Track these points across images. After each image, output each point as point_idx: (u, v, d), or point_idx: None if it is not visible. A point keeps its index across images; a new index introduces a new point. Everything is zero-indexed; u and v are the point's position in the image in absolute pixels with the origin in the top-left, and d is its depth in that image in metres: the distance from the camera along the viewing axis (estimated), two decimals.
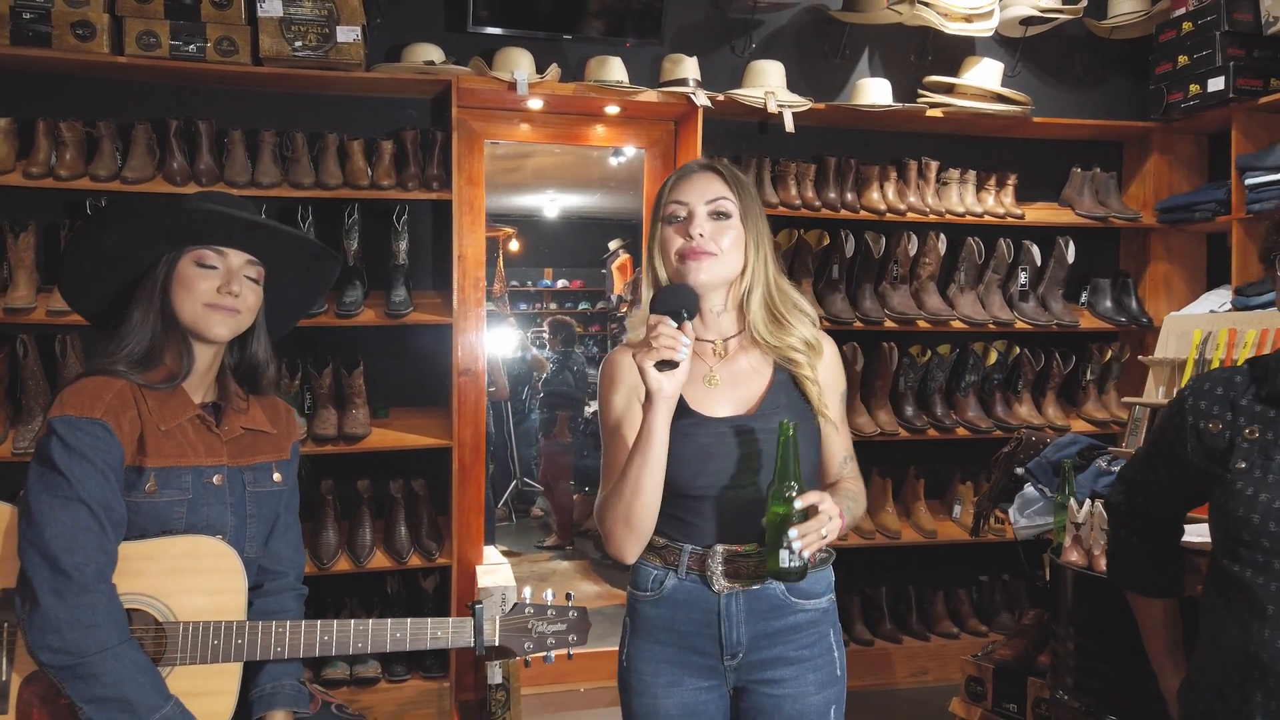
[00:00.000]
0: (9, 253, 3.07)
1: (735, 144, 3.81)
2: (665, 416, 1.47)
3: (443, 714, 3.41)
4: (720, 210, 1.59)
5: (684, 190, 1.60)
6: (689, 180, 1.62)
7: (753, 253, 1.60)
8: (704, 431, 1.56)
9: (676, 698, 1.58)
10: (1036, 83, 4.11)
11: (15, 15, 2.96)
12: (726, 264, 1.58)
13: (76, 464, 1.46)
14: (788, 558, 1.43)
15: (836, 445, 1.66)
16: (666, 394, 1.45)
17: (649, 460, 1.47)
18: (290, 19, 3.17)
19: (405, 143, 3.41)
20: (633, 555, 1.54)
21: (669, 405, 1.47)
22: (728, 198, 1.59)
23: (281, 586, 1.76)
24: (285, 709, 1.65)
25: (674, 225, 1.60)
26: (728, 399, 1.60)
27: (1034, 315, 3.97)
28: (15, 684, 1.50)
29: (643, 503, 1.49)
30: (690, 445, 1.54)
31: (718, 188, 1.60)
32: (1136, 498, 1.71)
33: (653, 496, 1.49)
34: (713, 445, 1.55)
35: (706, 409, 1.58)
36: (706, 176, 1.62)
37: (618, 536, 1.52)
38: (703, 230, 1.57)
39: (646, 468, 1.47)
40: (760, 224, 1.62)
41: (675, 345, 1.43)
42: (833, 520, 1.43)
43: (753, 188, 1.65)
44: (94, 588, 1.44)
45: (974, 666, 2.81)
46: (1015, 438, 2.84)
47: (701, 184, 1.60)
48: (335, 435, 3.32)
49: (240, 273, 1.65)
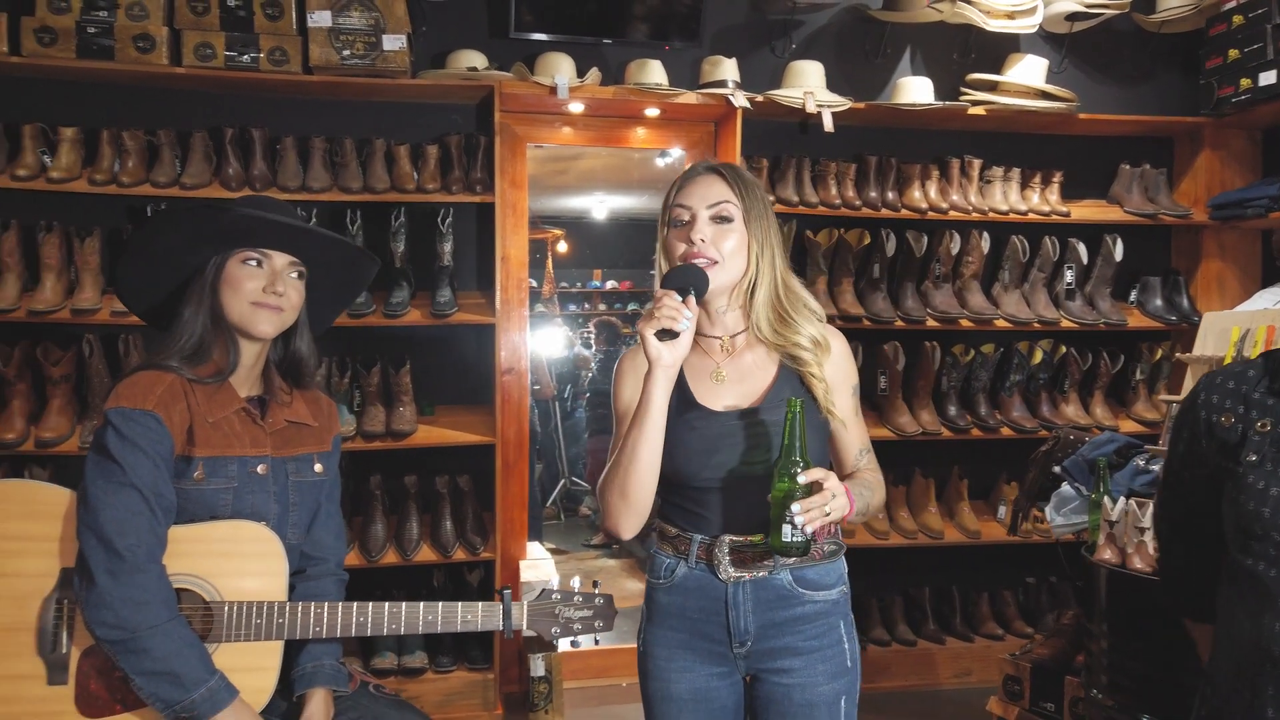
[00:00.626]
0: (75, 256, 3.22)
1: (775, 144, 3.83)
2: (664, 386, 1.52)
3: (487, 704, 3.49)
4: (722, 214, 1.61)
5: (687, 194, 1.63)
6: (693, 184, 1.64)
7: (756, 254, 1.62)
8: (709, 424, 1.60)
9: (688, 683, 1.63)
10: (1083, 79, 4.07)
11: (81, 30, 3.11)
12: (728, 269, 1.61)
13: (129, 452, 1.56)
14: (790, 532, 1.45)
15: (849, 439, 1.69)
16: (665, 363, 1.50)
17: (645, 430, 1.52)
18: (339, 29, 3.28)
19: (450, 147, 3.50)
20: (628, 530, 1.57)
21: (667, 375, 1.51)
22: (730, 201, 1.61)
23: (323, 572, 1.84)
24: (325, 686, 1.73)
25: (678, 229, 1.63)
26: (733, 393, 1.63)
27: (1081, 314, 3.92)
28: (75, 656, 1.60)
29: (638, 473, 1.53)
30: (696, 438, 1.59)
31: (720, 191, 1.62)
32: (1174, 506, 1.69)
33: (648, 467, 1.54)
34: (717, 438, 1.59)
35: (712, 403, 1.62)
36: (710, 180, 1.64)
37: (614, 509, 1.57)
38: (704, 235, 1.59)
39: (643, 438, 1.52)
40: (766, 225, 1.63)
41: (676, 316, 1.47)
42: (837, 498, 1.46)
43: (760, 189, 1.66)
44: (145, 568, 1.53)
45: (1011, 665, 2.80)
46: (1053, 436, 2.82)
47: (704, 187, 1.63)
48: (383, 432, 3.42)
49: (284, 273, 1.74)
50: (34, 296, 3.17)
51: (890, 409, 3.82)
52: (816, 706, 1.59)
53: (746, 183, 1.64)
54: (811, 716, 1.59)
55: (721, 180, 1.63)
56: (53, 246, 3.18)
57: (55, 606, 1.59)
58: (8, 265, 3.16)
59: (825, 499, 1.45)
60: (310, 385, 1.87)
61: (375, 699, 1.80)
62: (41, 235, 3.18)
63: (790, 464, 1.47)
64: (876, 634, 3.83)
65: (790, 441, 1.48)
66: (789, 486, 1.46)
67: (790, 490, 1.46)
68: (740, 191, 1.62)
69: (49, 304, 3.15)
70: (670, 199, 1.66)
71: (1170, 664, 2.10)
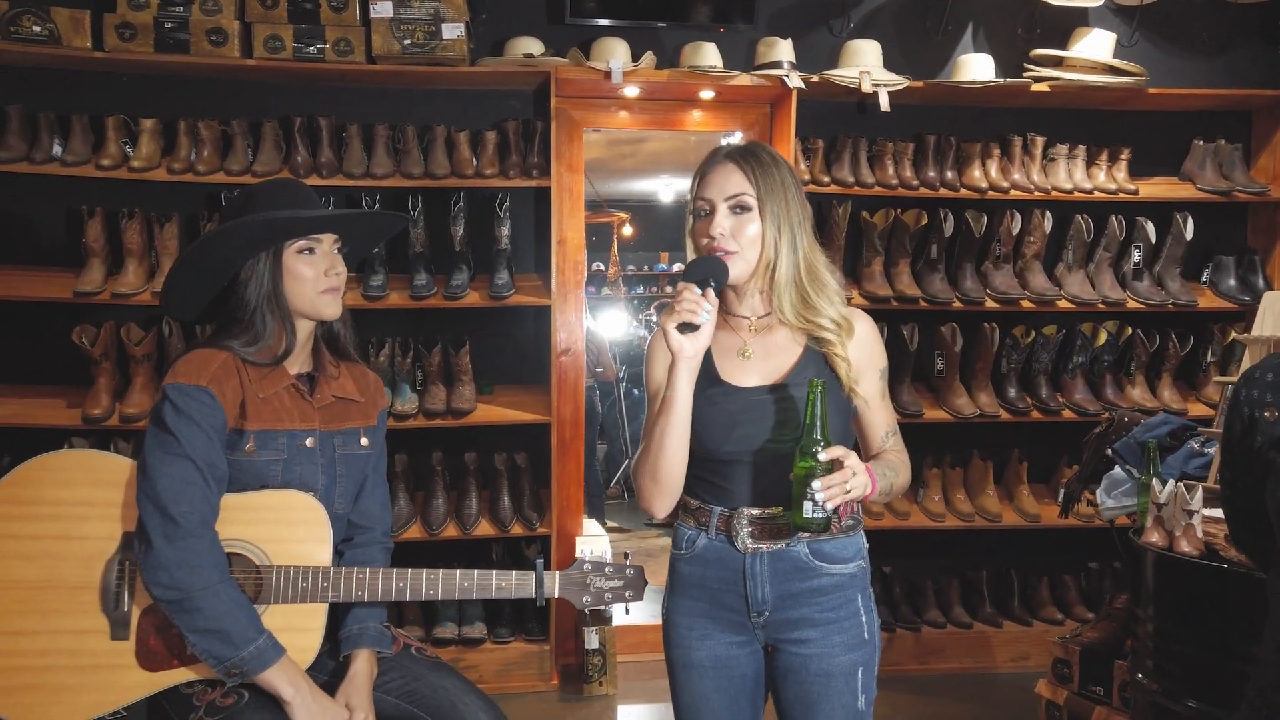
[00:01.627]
0: (155, 241, 3.40)
1: (832, 125, 3.81)
2: (687, 377, 1.58)
3: (543, 675, 3.59)
4: (739, 205, 1.64)
5: (706, 186, 1.67)
6: (711, 175, 1.67)
7: (774, 239, 1.64)
8: (732, 400, 1.64)
9: (708, 650, 1.68)
10: (1155, 51, 3.94)
11: (158, 25, 3.27)
12: (746, 258, 1.64)
13: (184, 425, 1.67)
14: (811, 509, 1.49)
15: (875, 421, 1.71)
16: (687, 354, 1.56)
17: (672, 419, 1.58)
18: (400, 18, 3.37)
19: (508, 133, 3.58)
20: (661, 510, 1.65)
21: (690, 366, 1.57)
22: (746, 192, 1.64)
23: (369, 540, 1.94)
24: (369, 648, 1.83)
25: (700, 220, 1.68)
26: (758, 370, 1.67)
27: (1148, 295, 3.82)
28: (136, 614, 1.73)
29: (667, 459, 1.60)
30: (719, 413, 1.63)
31: (737, 181, 1.64)
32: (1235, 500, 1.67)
33: (677, 453, 1.60)
34: (739, 413, 1.63)
35: (737, 379, 1.66)
36: (727, 170, 1.66)
37: (646, 491, 1.64)
38: (722, 228, 1.63)
39: (670, 426, 1.58)
40: (787, 208, 1.65)
41: (696, 309, 1.53)
42: (857, 476, 1.49)
43: (780, 172, 1.66)
44: (198, 533, 1.64)
45: (1061, 648, 2.77)
46: (1108, 418, 2.77)
47: (721, 179, 1.66)
48: (444, 410, 3.53)
49: (332, 253, 1.85)
50: (118, 280, 3.36)
51: (947, 391, 3.78)
52: (833, 676, 1.63)
53: (764, 167, 1.65)
54: (828, 686, 1.63)
55: (738, 170, 1.65)
56: (134, 232, 3.36)
57: (118, 568, 1.73)
58: (93, 251, 3.35)
59: (846, 476, 1.48)
60: (350, 355, 1.95)
61: (416, 660, 1.90)
62: (124, 222, 3.36)
63: (811, 442, 1.51)
64: (931, 615, 3.82)
65: (811, 420, 1.52)
66: (810, 464, 1.49)
67: (811, 468, 1.49)
68: (756, 179, 1.64)
69: (131, 287, 3.34)
70: (694, 189, 1.70)
71: (1218, 649, 2.07)
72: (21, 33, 3.20)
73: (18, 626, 1.69)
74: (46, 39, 3.22)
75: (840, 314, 1.67)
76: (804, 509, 1.49)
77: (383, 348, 3.52)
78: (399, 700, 1.84)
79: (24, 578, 1.70)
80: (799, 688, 1.64)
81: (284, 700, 1.68)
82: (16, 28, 3.19)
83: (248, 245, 1.78)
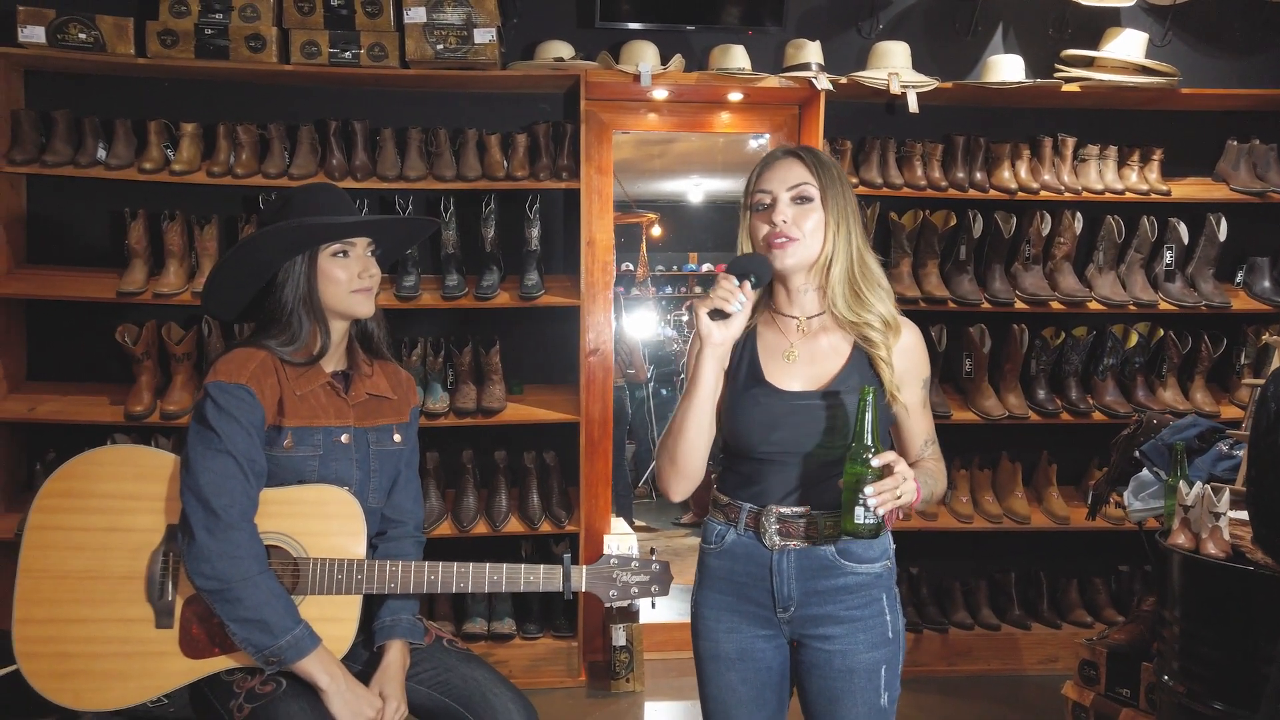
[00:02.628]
0: (196, 243, 3.49)
1: (860, 127, 3.82)
2: (713, 364, 1.62)
3: (572, 671, 3.64)
4: (802, 195, 1.68)
5: (768, 178, 1.70)
6: (772, 168, 1.71)
7: (834, 232, 1.68)
8: (774, 402, 1.67)
9: (736, 642, 1.71)
10: (1188, 51, 3.91)
11: (199, 32, 3.36)
12: (808, 246, 1.68)
13: (225, 422, 1.73)
14: (863, 514, 1.51)
15: (915, 428, 1.74)
16: (715, 340, 1.60)
17: (693, 402, 1.63)
18: (433, 23, 3.43)
19: (538, 135, 3.63)
20: (677, 492, 1.70)
21: (717, 354, 1.62)
22: (809, 182, 1.68)
23: (403, 534, 2.00)
24: (402, 639, 1.89)
25: (760, 213, 1.71)
26: (802, 375, 1.70)
27: (1180, 296, 3.79)
28: (179, 603, 1.79)
29: (686, 441, 1.65)
30: (759, 412, 1.66)
31: (800, 173, 1.69)
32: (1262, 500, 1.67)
33: (697, 437, 1.65)
34: (779, 415, 1.66)
35: (780, 382, 1.69)
36: (789, 163, 1.71)
37: (664, 473, 1.70)
38: (785, 217, 1.67)
39: (690, 409, 1.64)
40: (845, 204, 1.69)
41: (729, 298, 1.58)
42: (907, 482, 1.52)
43: (837, 170, 1.72)
44: (239, 525, 1.71)
45: (1088, 650, 2.76)
46: (1136, 420, 2.76)
47: (784, 171, 1.70)
48: (474, 409, 3.58)
49: (365, 255, 1.91)
50: (159, 280, 3.45)
51: (975, 392, 3.78)
52: (856, 673, 1.65)
53: (824, 163, 1.70)
54: (851, 682, 1.65)
55: (800, 163, 1.70)
56: (175, 234, 3.45)
57: (162, 559, 1.79)
58: (136, 252, 3.44)
59: (897, 482, 1.51)
60: (383, 354, 2.01)
61: (448, 652, 1.95)
62: (165, 224, 3.45)
63: (863, 448, 1.53)
64: (959, 617, 3.82)
65: (862, 426, 1.53)
66: (862, 470, 1.51)
67: (863, 474, 1.51)
68: (818, 172, 1.69)
69: (172, 287, 3.42)
70: (751, 184, 1.73)
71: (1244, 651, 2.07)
72: (68, 40, 3.30)
73: (69, 614, 1.76)
74: (92, 46, 3.31)
75: (889, 312, 1.70)
76: (855, 514, 1.51)
77: (415, 347, 3.58)
78: (431, 690, 1.89)
79: (75, 568, 1.77)
80: (823, 683, 1.67)
81: (320, 688, 1.73)
82: (64, 35, 3.29)
83: (285, 249, 1.84)
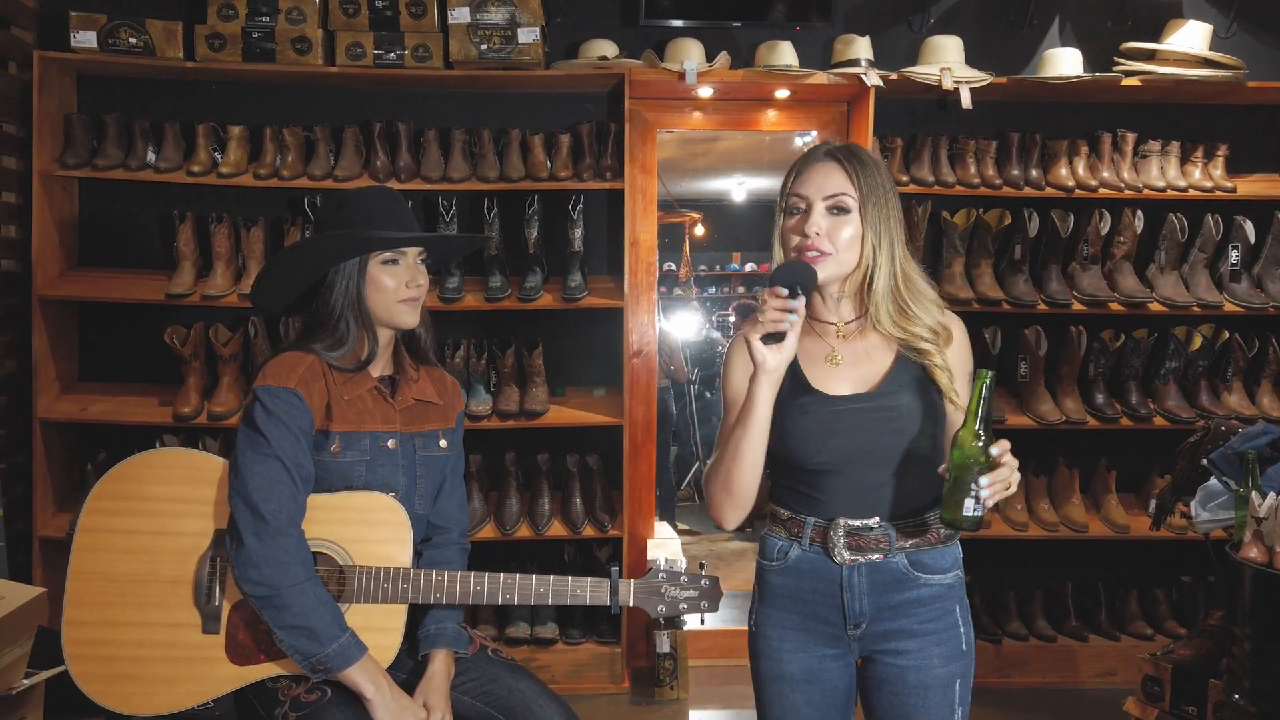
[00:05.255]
0: (243, 245, 3.50)
1: (911, 124, 3.74)
2: (768, 390, 1.53)
3: (614, 677, 3.59)
4: (839, 205, 1.58)
5: (804, 182, 1.61)
6: (809, 172, 1.61)
7: (873, 245, 1.58)
8: (824, 409, 1.59)
9: (801, 662, 1.64)
10: (1253, 43, 3.77)
11: (246, 35, 3.37)
12: (842, 261, 1.58)
13: (274, 426, 1.71)
14: (972, 506, 1.42)
15: None
16: (770, 367, 1.51)
17: (750, 430, 1.54)
18: (477, 24, 3.41)
19: (581, 135, 3.59)
20: (731, 521, 1.61)
21: (772, 380, 1.52)
22: (847, 192, 1.58)
23: (447, 540, 1.97)
24: (447, 648, 1.86)
25: (794, 218, 1.62)
26: (849, 378, 1.62)
27: (1247, 297, 3.65)
28: (226, 609, 1.77)
29: (741, 471, 1.56)
30: (811, 422, 1.59)
31: (838, 180, 1.58)
32: None
33: (752, 466, 1.56)
34: (833, 422, 1.59)
35: (828, 387, 1.61)
36: (827, 168, 1.60)
37: (717, 501, 1.60)
38: (818, 228, 1.57)
39: (747, 437, 1.54)
40: (886, 213, 1.59)
41: (782, 318, 1.48)
42: (1015, 474, 1.44)
43: (881, 174, 1.60)
44: (286, 531, 1.68)
45: (1151, 665, 2.66)
46: (1203, 427, 2.65)
47: (821, 176, 1.60)
48: (517, 411, 3.55)
49: (415, 264, 1.88)
50: (207, 282, 3.46)
51: (1031, 396, 3.68)
52: (930, 689, 1.59)
53: (866, 169, 1.59)
54: (925, 698, 1.59)
55: (839, 168, 1.59)
56: (223, 236, 3.46)
57: (210, 563, 1.78)
58: (184, 254, 3.46)
59: (1009, 473, 1.44)
60: (429, 359, 1.99)
61: (493, 662, 1.91)
62: (213, 226, 3.46)
63: (973, 435, 1.44)
64: (1013, 627, 3.71)
65: (974, 411, 1.44)
66: (974, 458, 1.42)
67: (974, 461, 1.43)
68: (858, 180, 1.58)
69: (220, 289, 3.44)
70: (787, 185, 1.64)
71: None
72: (119, 44, 3.32)
73: (118, 617, 1.76)
74: (142, 50, 3.34)
75: (938, 322, 1.62)
76: (964, 506, 1.43)
77: (458, 349, 3.57)
78: (475, 701, 1.86)
79: (124, 571, 1.76)
80: (895, 699, 1.61)
81: (365, 698, 1.71)
82: (115, 40, 3.32)
83: (338, 254, 1.83)
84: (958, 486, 1.44)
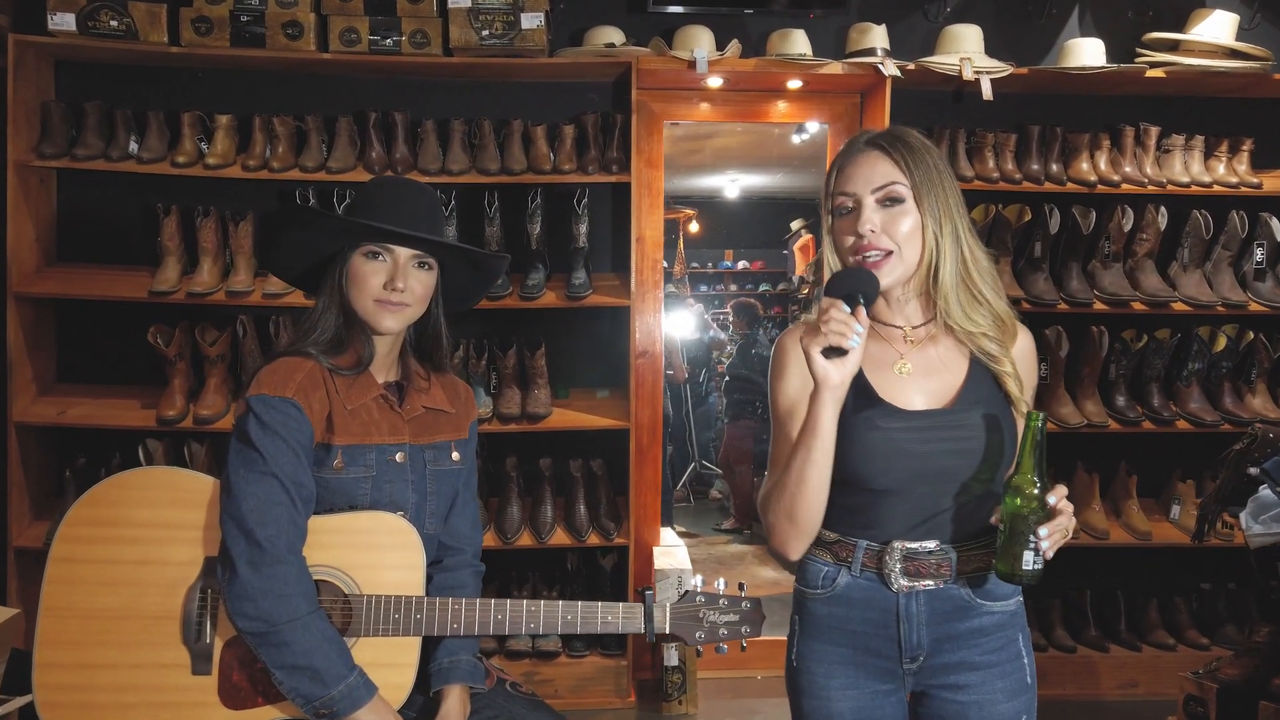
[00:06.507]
0: (230, 240, 3.33)
1: (927, 115, 3.60)
2: (832, 408, 1.38)
3: (620, 691, 3.45)
4: (891, 195, 1.44)
5: (848, 178, 1.47)
6: (853, 165, 1.47)
7: (934, 232, 1.44)
8: (896, 424, 1.44)
9: (852, 701, 1.49)
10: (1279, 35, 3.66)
11: (234, 19, 3.19)
12: (905, 258, 1.44)
13: (270, 441, 1.54)
14: (1032, 559, 1.32)
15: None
16: (833, 384, 1.35)
17: (813, 454, 1.39)
18: (478, 8, 3.25)
19: (586, 126, 3.44)
20: (796, 552, 1.47)
21: (836, 397, 1.37)
22: (898, 181, 1.43)
23: (460, 563, 1.81)
24: (462, 683, 1.69)
25: (843, 218, 1.47)
26: (921, 390, 1.48)
27: (1272, 296, 3.54)
28: (218, 646, 1.59)
29: (807, 498, 1.41)
30: (880, 438, 1.43)
31: (885, 170, 1.44)
32: None
33: (818, 491, 1.41)
34: (905, 440, 1.43)
35: (900, 400, 1.47)
36: (871, 158, 1.46)
37: (781, 531, 1.45)
38: (873, 225, 1.43)
39: (810, 462, 1.39)
40: (944, 195, 1.45)
41: (846, 331, 1.32)
42: (1072, 520, 1.34)
43: (931, 156, 1.46)
44: (285, 559, 1.51)
45: (1194, 685, 2.54)
46: (1249, 433, 2.53)
47: (866, 168, 1.45)
48: (519, 414, 3.40)
49: (406, 267, 1.66)
50: (192, 279, 3.29)
51: (1051, 398, 3.55)
52: None
53: (914, 152, 1.45)
54: None
55: (884, 156, 1.45)
56: (209, 231, 3.29)
57: (199, 595, 1.60)
58: (168, 249, 3.28)
59: (1066, 521, 1.33)
60: (445, 368, 1.82)
61: (512, 698, 1.75)
62: (199, 220, 3.29)
63: (1028, 482, 1.33)
64: (1031, 637, 3.59)
65: (1027, 455, 1.34)
66: (1031, 508, 1.32)
67: (1031, 511, 1.32)
68: (907, 165, 1.44)
69: (206, 286, 3.27)
70: (830, 185, 1.49)
71: None
72: (100, 28, 3.14)
73: (97, 659, 1.57)
74: (124, 34, 3.16)
75: (1005, 312, 1.50)
76: (1023, 559, 1.32)
77: (457, 350, 3.40)
78: None
79: (103, 606, 1.58)
80: None
81: None
82: (95, 23, 3.14)
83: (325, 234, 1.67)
84: (1014, 538, 1.33)
